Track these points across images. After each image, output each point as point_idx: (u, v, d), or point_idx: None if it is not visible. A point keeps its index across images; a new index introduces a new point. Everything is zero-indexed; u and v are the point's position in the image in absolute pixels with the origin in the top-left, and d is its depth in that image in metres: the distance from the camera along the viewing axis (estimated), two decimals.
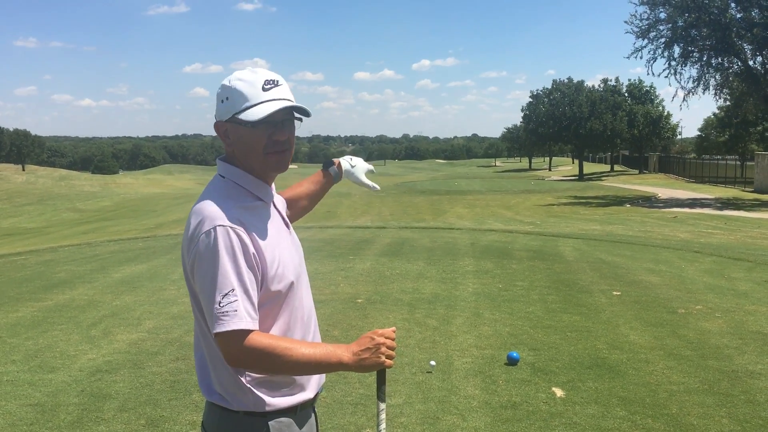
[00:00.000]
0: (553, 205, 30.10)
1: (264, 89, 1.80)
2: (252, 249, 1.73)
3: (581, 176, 63.44)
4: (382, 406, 1.94)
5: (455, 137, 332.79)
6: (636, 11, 31.15)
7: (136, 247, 12.93)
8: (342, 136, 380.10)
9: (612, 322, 6.43)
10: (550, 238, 13.56)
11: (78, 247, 13.81)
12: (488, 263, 9.80)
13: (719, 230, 17.42)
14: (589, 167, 78.06)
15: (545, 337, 5.93)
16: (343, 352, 1.76)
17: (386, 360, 1.79)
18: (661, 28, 31.12)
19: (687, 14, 29.51)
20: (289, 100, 1.84)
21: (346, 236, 13.71)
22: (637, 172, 65.30)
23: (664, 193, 36.78)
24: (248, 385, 1.80)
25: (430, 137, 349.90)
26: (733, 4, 29.29)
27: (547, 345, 5.68)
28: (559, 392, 4.60)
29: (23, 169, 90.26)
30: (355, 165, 2.49)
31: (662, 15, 30.83)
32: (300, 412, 1.90)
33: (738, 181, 41.75)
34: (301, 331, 1.89)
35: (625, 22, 31.49)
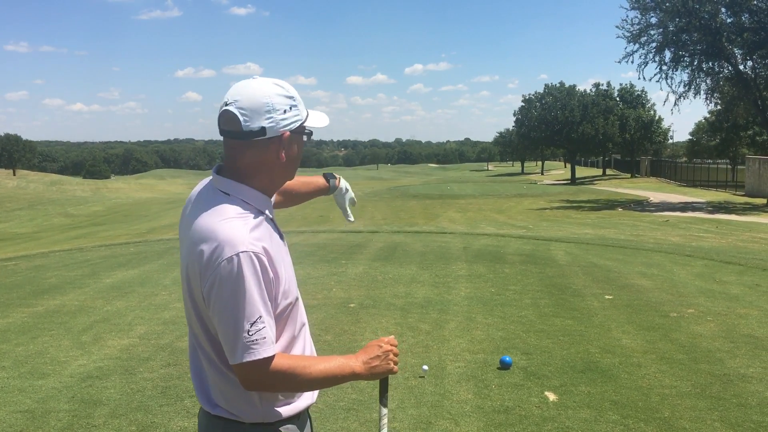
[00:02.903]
0: (546, 209, 30.16)
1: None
2: (271, 273, 1.71)
3: (573, 180, 63.65)
4: (385, 411, 1.97)
5: (448, 141, 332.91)
6: (627, 16, 31.58)
7: (127, 252, 12.87)
8: (334, 140, 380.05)
9: (604, 326, 6.44)
10: (543, 242, 13.58)
11: (69, 252, 13.74)
12: (481, 267, 9.80)
13: (710, 234, 17.49)
14: (582, 171, 78.34)
15: (538, 341, 5.93)
16: (355, 362, 1.81)
17: (394, 366, 1.87)
18: (652, 32, 31.30)
19: (678, 19, 29.67)
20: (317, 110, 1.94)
21: (339, 240, 13.69)
22: (629, 176, 65.56)
23: (655, 196, 36.92)
24: (255, 399, 1.79)
25: (423, 141, 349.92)
26: (723, 9, 29.47)
27: (540, 349, 5.68)
28: (551, 396, 4.59)
29: (14, 174, 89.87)
30: (348, 191, 2.61)
31: (653, 20, 31.01)
32: (302, 417, 1.93)
33: (729, 184, 41.95)
34: (301, 343, 1.89)
35: (617, 26, 31.67)
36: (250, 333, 1.64)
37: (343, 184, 2.59)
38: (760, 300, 7.72)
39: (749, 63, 30.73)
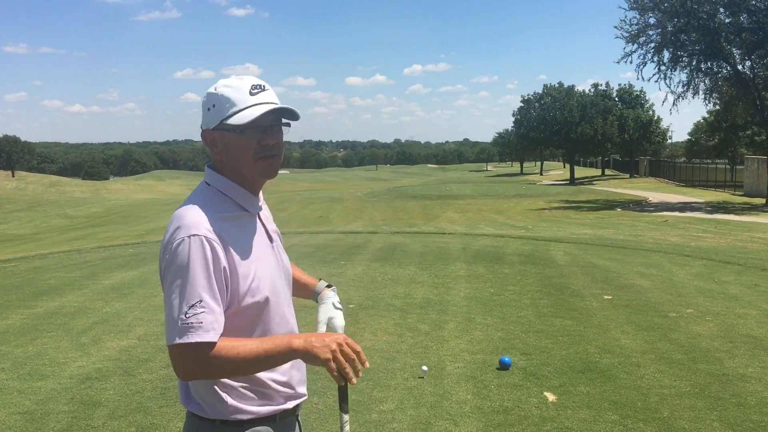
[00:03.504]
0: (545, 209, 30.16)
1: (251, 93, 1.79)
2: (224, 263, 1.71)
3: (572, 180, 63.66)
4: (346, 417, 1.91)
5: (447, 142, 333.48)
6: (626, 16, 31.62)
7: (126, 253, 12.87)
8: (334, 141, 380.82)
9: (603, 326, 6.45)
10: (542, 242, 13.59)
11: (68, 253, 13.73)
12: (480, 268, 9.81)
13: (709, 234, 17.50)
14: (581, 171, 78.34)
15: (537, 341, 5.94)
16: (296, 339, 1.70)
17: (331, 362, 1.68)
18: (651, 33, 31.31)
19: (676, 19, 29.69)
20: (276, 103, 1.82)
21: (338, 241, 13.69)
22: (628, 176, 65.56)
23: (654, 197, 36.93)
24: (223, 394, 1.78)
25: (422, 142, 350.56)
26: (721, 9, 29.48)
27: (539, 349, 5.69)
28: (551, 397, 4.60)
29: (13, 176, 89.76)
30: (337, 310, 2.18)
31: (652, 20, 31.02)
32: (280, 422, 1.87)
33: (728, 184, 41.95)
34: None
35: (615, 27, 31.69)
36: (187, 315, 1.62)
37: (333, 296, 2.22)
38: (759, 300, 7.72)
39: (748, 63, 30.73)
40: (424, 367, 5.08)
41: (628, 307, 7.25)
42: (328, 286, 2.24)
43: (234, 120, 1.76)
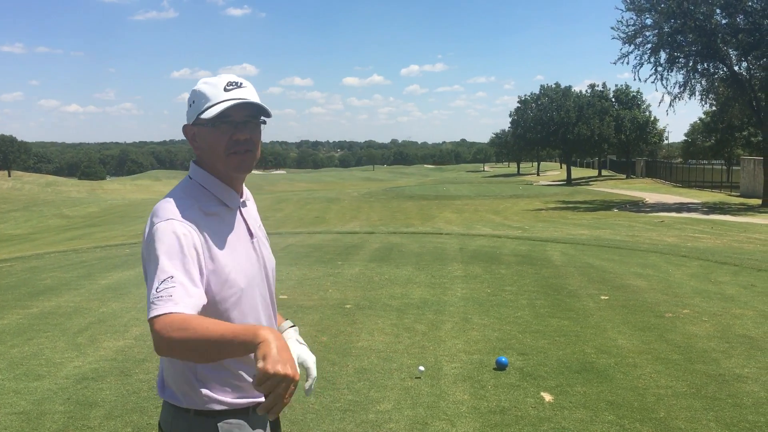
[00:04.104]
0: (542, 209, 30.20)
1: (225, 89, 1.83)
2: (199, 249, 1.74)
3: (569, 181, 63.75)
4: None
5: (444, 142, 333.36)
6: (623, 17, 31.55)
7: (122, 253, 12.85)
8: (330, 141, 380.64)
9: (600, 326, 6.45)
10: (539, 242, 13.60)
11: (64, 253, 13.71)
12: (477, 268, 9.81)
13: (706, 234, 17.54)
14: (577, 172, 78.47)
15: (534, 341, 5.94)
16: (266, 331, 1.53)
17: (267, 376, 1.46)
18: (648, 34, 31.38)
19: (673, 20, 29.76)
20: (247, 100, 1.84)
21: (335, 241, 13.69)
22: (624, 176, 65.69)
23: (651, 197, 37.00)
24: (197, 382, 1.81)
25: (419, 142, 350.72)
26: (718, 11, 29.56)
27: (536, 350, 5.69)
28: (547, 397, 4.60)
29: (9, 175, 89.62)
30: (302, 350, 1.94)
31: (648, 21, 31.09)
32: (253, 414, 1.87)
33: (724, 185, 42.07)
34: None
35: (612, 28, 31.76)
36: (158, 290, 1.63)
37: (294, 333, 2.06)
38: (755, 300, 7.74)
39: (744, 64, 30.84)
40: (421, 368, 5.08)
41: (625, 307, 7.26)
42: (292, 326, 2.09)
43: (205, 114, 1.81)
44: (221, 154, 1.84)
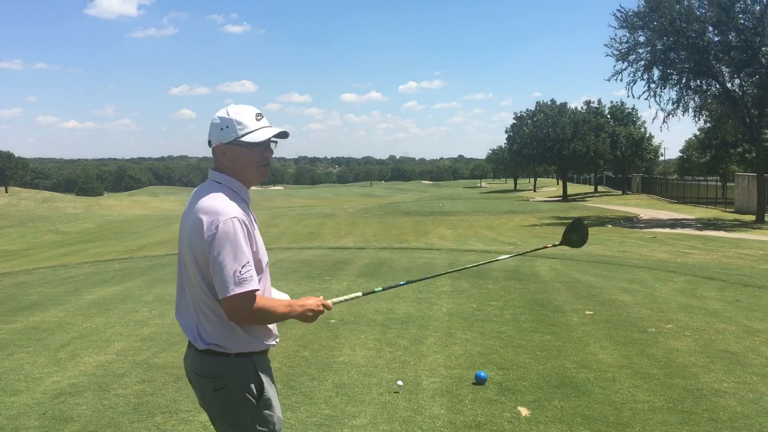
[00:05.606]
0: (536, 225, 30.24)
1: (257, 119, 2.47)
2: (249, 238, 2.37)
3: (565, 197, 63.86)
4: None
5: (441, 158, 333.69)
6: (616, 35, 31.56)
7: (111, 268, 12.83)
8: (328, 157, 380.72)
9: (582, 341, 6.45)
10: (528, 258, 13.60)
11: (53, 269, 13.68)
12: (464, 283, 9.81)
13: (696, 250, 17.57)
14: (574, 188, 78.64)
15: (515, 356, 5.94)
16: (299, 308, 2.49)
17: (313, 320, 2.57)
18: (641, 51, 31.63)
19: (665, 38, 30.00)
20: (276, 127, 2.49)
21: (325, 257, 13.69)
22: (620, 192, 65.86)
23: (646, 213, 37.08)
24: (239, 333, 2.42)
25: (417, 158, 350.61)
26: (710, 28, 29.80)
27: (516, 364, 5.69)
28: (524, 411, 4.60)
29: (6, 191, 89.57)
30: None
31: (641, 38, 31.35)
32: (266, 355, 2.57)
33: (719, 201, 42.20)
34: (269, 293, 2.56)
35: (606, 45, 32.02)
36: (241, 272, 2.28)
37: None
38: (739, 315, 7.75)
39: (737, 81, 31.04)
40: (400, 382, 5.08)
41: (609, 322, 7.27)
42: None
43: (248, 138, 2.43)
44: (254, 168, 2.49)
